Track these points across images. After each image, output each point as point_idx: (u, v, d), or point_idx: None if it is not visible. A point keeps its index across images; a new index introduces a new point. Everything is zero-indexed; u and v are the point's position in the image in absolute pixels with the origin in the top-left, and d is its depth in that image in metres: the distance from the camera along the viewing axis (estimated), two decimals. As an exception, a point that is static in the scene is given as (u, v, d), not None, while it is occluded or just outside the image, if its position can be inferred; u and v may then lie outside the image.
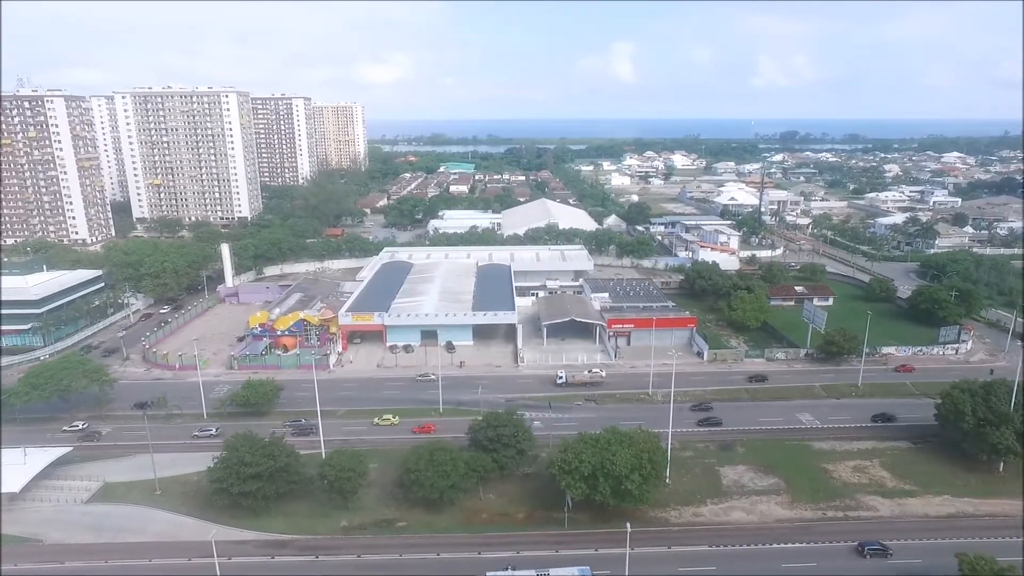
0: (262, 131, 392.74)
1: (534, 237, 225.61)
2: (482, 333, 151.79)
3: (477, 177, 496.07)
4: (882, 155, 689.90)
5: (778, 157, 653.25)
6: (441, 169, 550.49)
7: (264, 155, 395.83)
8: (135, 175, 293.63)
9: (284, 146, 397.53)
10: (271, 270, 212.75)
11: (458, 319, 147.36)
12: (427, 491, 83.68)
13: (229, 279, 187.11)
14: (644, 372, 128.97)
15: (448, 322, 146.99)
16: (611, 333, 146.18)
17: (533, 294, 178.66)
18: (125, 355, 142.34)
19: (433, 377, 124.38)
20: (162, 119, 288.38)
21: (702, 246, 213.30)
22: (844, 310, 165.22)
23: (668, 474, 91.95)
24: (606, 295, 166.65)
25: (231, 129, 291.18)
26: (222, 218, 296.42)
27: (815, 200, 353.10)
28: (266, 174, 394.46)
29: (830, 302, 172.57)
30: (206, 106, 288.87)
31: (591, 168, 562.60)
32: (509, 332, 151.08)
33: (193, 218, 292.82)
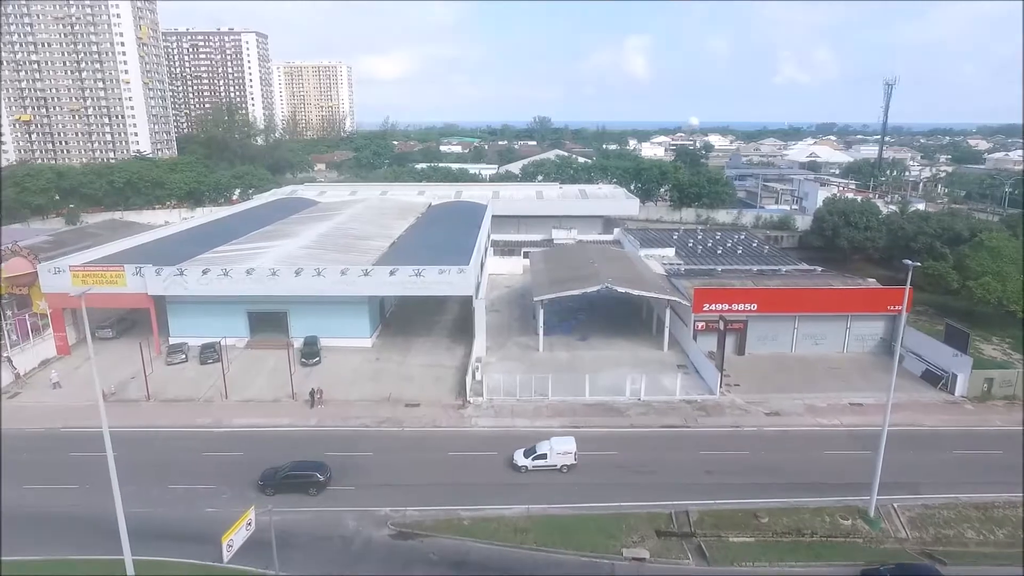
0: (204, 74, 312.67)
1: (537, 174, 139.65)
2: (403, 324, 67.70)
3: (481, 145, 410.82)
4: (948, 138, 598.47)
5: (830, 138, 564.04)
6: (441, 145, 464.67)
7: (207, 103, 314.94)
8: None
9: (232, 93, 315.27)
10: (102, 217, 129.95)
11: (330, 284, 61.35)
12: None
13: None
14: (819, 430, 44.33)
15: (309, 290, 61.40)
16: (700, 324, 61.04)
17: (527, 253, 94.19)
18: None
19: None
20: (28, 30, 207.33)
21: (824, 185, 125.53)
22: None
23: None
24: (671, 252, 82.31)
25: (123, 45, 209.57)
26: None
27: (913, 164, 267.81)
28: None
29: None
30: (88, 13, 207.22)
31: (616, 147, 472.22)
32: (462, 324, 66.98)
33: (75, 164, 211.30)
